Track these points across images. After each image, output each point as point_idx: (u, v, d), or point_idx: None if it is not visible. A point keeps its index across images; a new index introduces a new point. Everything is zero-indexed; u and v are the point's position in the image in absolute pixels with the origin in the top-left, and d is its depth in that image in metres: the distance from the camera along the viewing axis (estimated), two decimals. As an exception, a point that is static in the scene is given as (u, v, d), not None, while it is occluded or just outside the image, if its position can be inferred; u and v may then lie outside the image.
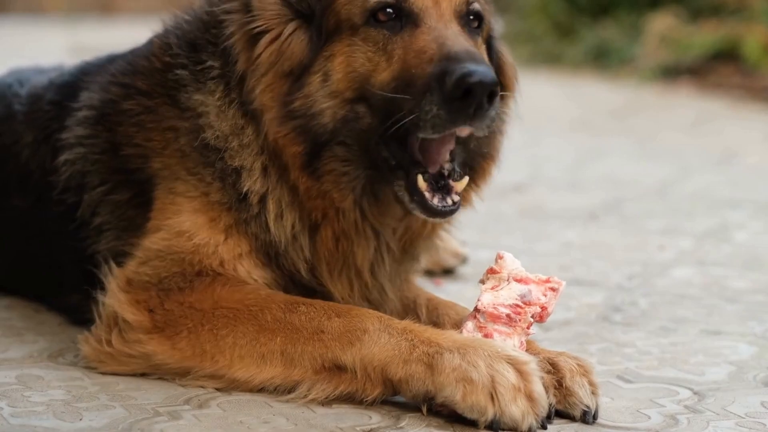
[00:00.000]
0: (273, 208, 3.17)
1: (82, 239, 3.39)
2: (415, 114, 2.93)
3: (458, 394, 2.77)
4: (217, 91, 3.21)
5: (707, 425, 2.94)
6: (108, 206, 3.35)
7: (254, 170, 3.16)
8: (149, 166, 3.27)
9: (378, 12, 3.07)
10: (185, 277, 3.13)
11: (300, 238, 3.19)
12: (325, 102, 3.06)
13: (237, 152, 3.17)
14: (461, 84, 2.87)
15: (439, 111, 2.91)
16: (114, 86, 3.42)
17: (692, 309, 4.14)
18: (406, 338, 2.88)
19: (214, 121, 3.20)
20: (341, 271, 3.23)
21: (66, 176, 3.43)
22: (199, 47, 3.28)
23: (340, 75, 3.06)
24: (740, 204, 6.37)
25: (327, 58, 3.08)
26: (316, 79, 3.07)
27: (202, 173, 3.20)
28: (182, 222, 3.18)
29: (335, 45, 3.08)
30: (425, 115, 2.92)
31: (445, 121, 2.92)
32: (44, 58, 5.33)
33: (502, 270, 3.01)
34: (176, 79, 3.27)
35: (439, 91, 2.90)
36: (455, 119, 2.92)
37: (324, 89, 3.06)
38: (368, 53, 3.06)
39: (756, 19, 12.28)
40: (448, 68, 2.90)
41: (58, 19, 19.48)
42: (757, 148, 8.69)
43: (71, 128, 3.46)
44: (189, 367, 3.03)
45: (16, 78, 3.98)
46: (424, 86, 2.93)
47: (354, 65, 3.06)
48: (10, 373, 3.14)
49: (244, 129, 3.17)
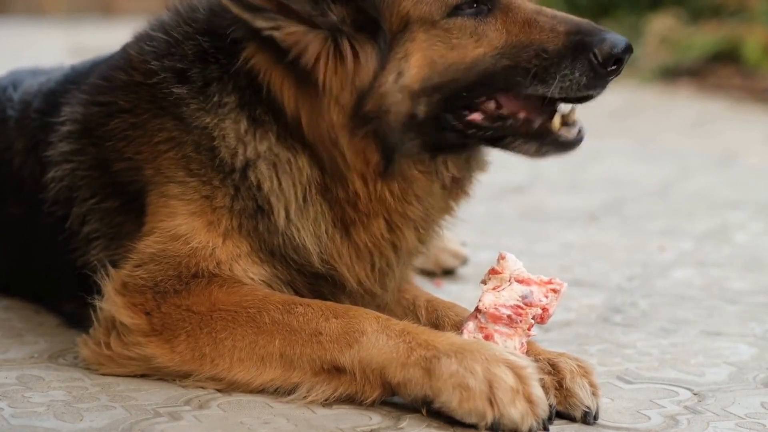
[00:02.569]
0: (311, 228, 3.15)
1: (73, 250, 3.37)
2: (551, 74, 3.03)
3: (455, 401, 2.77)
4: (241, 124, 3.14)
5: (707, 426, 2.94)
6: (97, 215, 3.32)
7: (289, 197, 3.13)
8: (142, 174, 3.23)
9: (463, 4, 3.06)
10: (181, 279, 3.11)
11: (325, 237, 3.17)
12: (398, 96, 3.03)
13: (267, 177, 3.12)
14: (613, 55, 3.03)
15: (581, 77, 3.04)
16: (94, 105, 3.35)
17: (692, 310, 4.14)
18: (404, 340, 2.87)
19: (234, 145, 3.13)
20: (378, 256, 3.21)
21: (54, 192, 3.40)
22: (192, 79, 3.18)
23: (415, 70, 3.03)
24: (740, 205, 6.37)
25: (401, 59, 3.03)
26: (390, 79, 3.03)
27: (209, 176, 3.15)
28: (178, 225, 3.15)
29: (408, 45, 3.03)
30: (562, 78, 3.03)
31: (583, 87, 3.06)
32: (44, 58, 5.34)
33: (504, 270, 3.01)
34: (173, 98, 3.18)
35: (585, 60, 3.02)
36: (594, 85, 3.08)
37: (397, 85, 3.03)
38: (452, 41, 3.04)
39: (756, 20, 12.27)
40: (591, 41, 3.04)
41: (58, 20, 19.47)
42: (758, 149, 8.69)
43: (55, 144, 3.41)
44: (189, 371, 3.03)
45: (12, 80, 3.93)
46: (560, 52, 3.03)
47: (433, 57, 3.03)
48: (10, 374, 3.14)
49: (291, 162, 3.12)
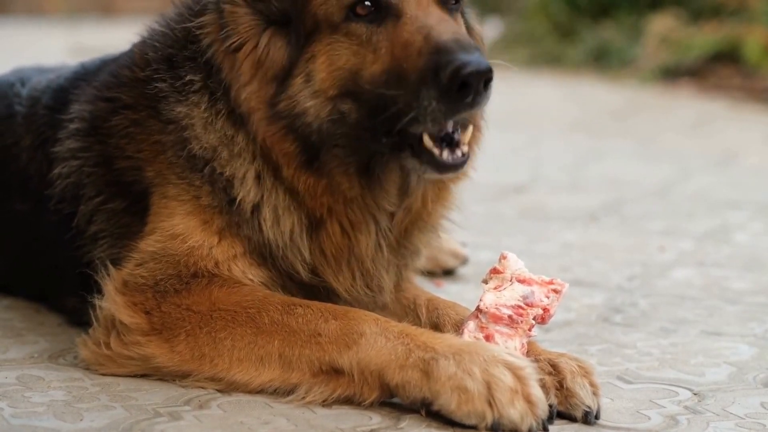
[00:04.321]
0: (269, 215, 3.16)
1: (79, 247, 3.38)
2: (414, 110, 2.90)
3: (453, 403, 2.76)
4: (201, 103, 3.20)
5: (707, 426, 2.94)
6: (104, 215, 3.35)
7: (246, 179, 3.15)
8: (144, 175, 3.27)
9: (356, 6, 3.03)
10: (181, 279, 3.12)
11: (298, 240, 3.18)
12: (309, 101, 3.05)
13: (227, 161, 3.16)
14: (456, 77, 2.84)
15: (438, 105, 2.88)
16: (101, 101, 3.41)
17: (692, 310, 4.14)
18: (402, 342, 2.87)
19: (200, 134, 3.18)
20: (347, 263, 3.22)
21: (61, 188, 3.43)
22: (177, 63, 3.26)
23: (323, 74, 3.04)
24: (740, 205, 6.37)
25: (308, 60, 3.06)
26: (298, 81, 3.06)
27: (190, 178, 3.19)
28: (175, 225, 3.18)
29: (315, 45, 3.06)
30: (424, 110, 2.89)
31: (445, 113, 2.90)
32: (44, 59, 5.33)
33: (506, 270, 3.01)
34: (156, 92, 3.25)
35: (435, 85, 2.86)
36: (455, 110, 2.90)
37: (307, 89, 3.05)
38: (352, 47, 3.03)
39: (756, 20, 12.29)
40: (440, 61, 2.86)
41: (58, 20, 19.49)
42: (758, 149, 8.70)
43: (63, 141, 3.45)
44: (188, 371, 3.03)
45: (19, 77, 3.96)
46: (417, 81, 2.89)
47: (338, 62, 3.04)
48: (10, 374, 3.14)
49: (234, 138, 3.16)
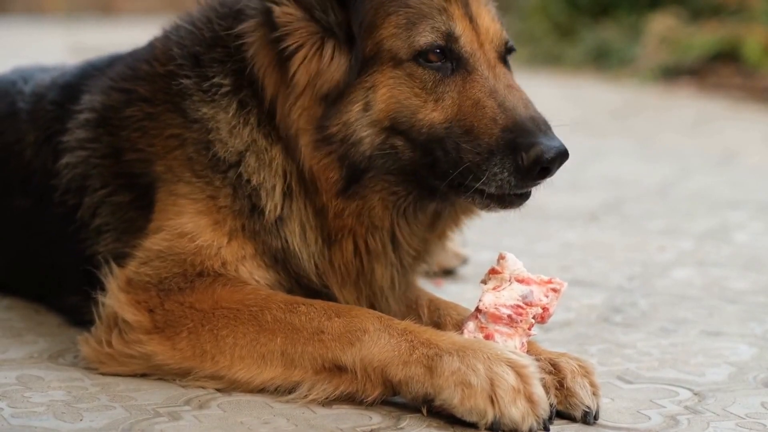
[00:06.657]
0: (297, 230, 3.16)
1: (82, 240, 3.38)
2: (483, 173, 2.96)
3: (456, 398, 2.77)
4: (230, 109, 3.18)
5: (707, 426, 2.94)
6: (108, 207, 3.35)
7: (275, 191, 3.15)
8: (152, 169, 3.27)
9: (429, 53, 3.05)
10: (186, 277, 3.12)
11: (316, 250, 3.19)
12: (365, 131, 3.04)
13: (255, 170, 3.16)
14: (539, 162, 2.94)
15: (510, 177, 2.97)
16: (115, 91, 3.40)
17: (692, 310, 4.14)
18: (406, 339, 2.88)
19: (225, 137, 3.17)
20: (354, 283, 3.23)
21: (67, 179, 3.43)
22: (203, 63, 3.25)
23: (382, 106, 3.04)
24: (740, 204, 6.36)
25: (368, 89, 3.04)
26: (356, 108, 3.04)
27: (210, 177, 3.18)
28: (184, 223, 3.17)
29: (376, 76, 3.05)
30: (493, 176, 2.97)
31: (515, 186, 2.99)
32: (44, 58, 5.33)
33: (504, 270, 3.01)
34: (180, 88, 3.25)
35: (512, 160, 2.95)
36: (526, 186, 3.01)
37: (365, 118, 3.04)
38: (415, 89, 3.04)
39: (756, 19, 12.27)
40: (520, 142, 2.94)
41: (58, 20, 19.48)
42: (758, 149, 8.69)
43: (72, 131, 3.45)
44: (189, 368, 3.03)
45: (21, 75, 3.96)
46: (491, 148, 2.96)
47: (399, 98, 3.04)
48: (10, 374, 3.14)
49: (268, 150, 3.15)
